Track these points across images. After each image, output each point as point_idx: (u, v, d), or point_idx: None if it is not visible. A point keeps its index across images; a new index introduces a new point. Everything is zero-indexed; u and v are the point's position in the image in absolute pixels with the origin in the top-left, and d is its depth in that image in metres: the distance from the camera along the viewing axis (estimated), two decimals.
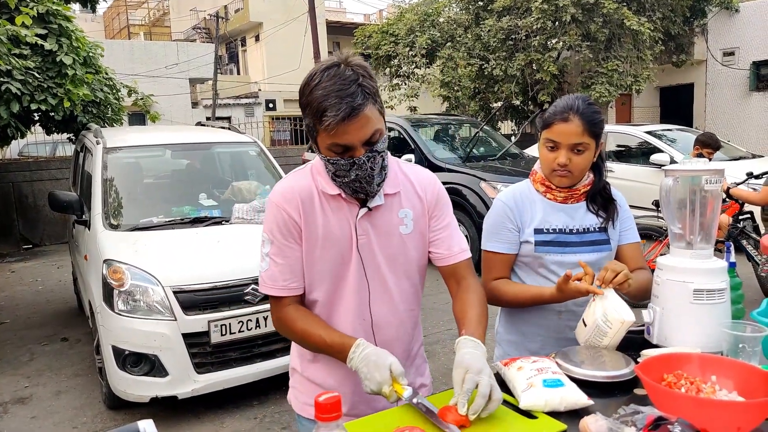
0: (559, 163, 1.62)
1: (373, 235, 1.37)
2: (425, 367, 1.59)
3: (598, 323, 1.46)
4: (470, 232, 6.36)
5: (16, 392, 3.85)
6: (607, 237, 1.70)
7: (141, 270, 3.29)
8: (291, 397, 1.55)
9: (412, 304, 1.47)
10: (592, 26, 11.09)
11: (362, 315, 1.39)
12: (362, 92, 1.20)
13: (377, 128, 1.25)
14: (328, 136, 1.22)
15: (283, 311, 1.38)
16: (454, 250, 1.45)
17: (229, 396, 3.57)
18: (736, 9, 14.34)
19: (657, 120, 15.92)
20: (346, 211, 1.35)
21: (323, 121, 1.19)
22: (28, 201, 9.24)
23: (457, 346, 1.27)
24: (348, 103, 1.18)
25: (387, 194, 1.37)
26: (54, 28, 5.41)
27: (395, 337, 1.44)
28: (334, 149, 1.25)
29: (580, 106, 1.60)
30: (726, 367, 1.22)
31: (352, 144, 1.23)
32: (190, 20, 27.81)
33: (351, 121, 1.19)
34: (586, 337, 1.52)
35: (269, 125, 20.06)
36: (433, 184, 1.46)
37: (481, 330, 1.35)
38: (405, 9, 14.99)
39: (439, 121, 8.43)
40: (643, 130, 8.44)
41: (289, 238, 1.35)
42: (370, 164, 1.26)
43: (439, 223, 1.44)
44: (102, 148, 4.23)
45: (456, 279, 1.46)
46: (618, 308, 1.44)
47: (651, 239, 5.08)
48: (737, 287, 1.73)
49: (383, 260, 1.38)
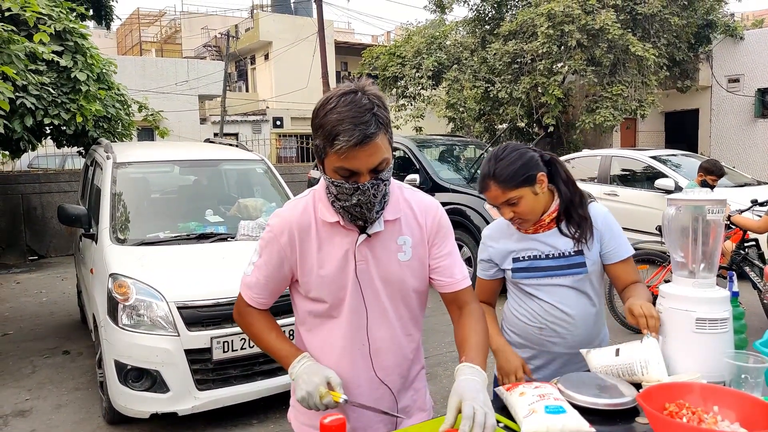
0: (506, 219, 1.74)
1: (372, 262, 1.38)
2: (425, 390, 1.58)
3: (635, 365, 1.46)
4: (473, 252, 6.36)
5: (17, 405, 3.85)
6: (583, 259, 1.75)
7: (146, 285, 3.30)
8: (291, 416, 1.56)
9: (411, 329, 1.47)
10: (597, 51, 11.20)
11: (361, 340, 1.40)
12: (376, 121, 1.23)
13: (385, 157, 1.27)
14: (338, 160, 1.24)
15: (247, 310, 1.50)
16: (457, 277, 1.46)
17: (230, 414, 3.56)
18: (741, 36, 14.47)
19: (662, 145, 15.95)
20: (344, 237, 1.37)
21: (335, 144, 1.22)
22: (36, 213, 9.30)
23: (457, 372, 1.28)
24: (361, 131, 1.20)
25: (387, 221, 1.38)
26: (70, 45, 5.51)
27: (394, 363, 1.44)
28: (341, 172, 1.27)
29: (492, 170, 1.69)
30: (728, 397, 1.22)
31: (359, 170, 1.25)
32: (201, 38, 28.21)
33: (362, 147, 1.22)
34: (607, 364, 1.51)
35: (276, 142, 20.22)
36: (434, 210, 1.46)
37: (482, 356, 1.35)
38: (412, 31, 15.20)
39: (445, 142, 8.47)
40: (647, 154, 8.46)
41: (273, 260, 1.41)
42: (373, 191, 1.28)
43: (440, 250, 1.45)
44: (112, 163, 4.27)
45: (458, 305, 1.47)
46: (660, 365, 1.43)
47: (655, 264, 5.07)
48: (740, 317, 1.74)
49: (381, 286, 1.39)
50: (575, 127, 12.46)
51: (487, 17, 14.05)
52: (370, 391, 1.42)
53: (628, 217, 7.88)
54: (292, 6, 28.18)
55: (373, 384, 1.42)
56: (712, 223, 1.51)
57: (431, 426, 1.26)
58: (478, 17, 14.03)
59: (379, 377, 1.42)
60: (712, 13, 13.69)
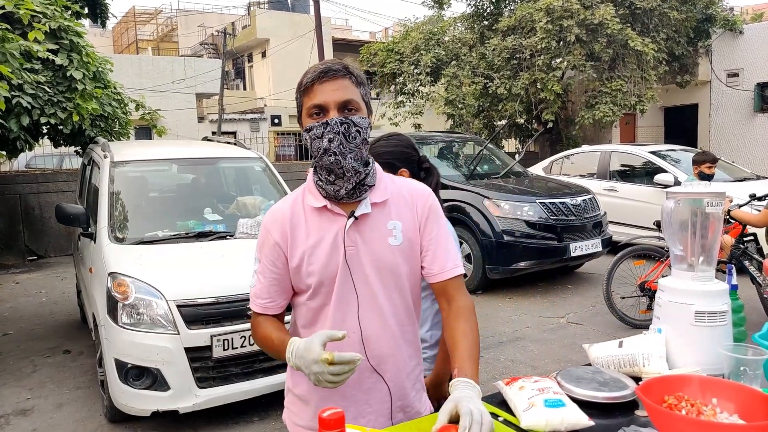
0: None
1: (362, 246, 1.36)
2: (423, 394, 1.54)
3: (637, 357, 1.47)
4: (474, 249, 6.37)
5: (18, 404, 3.85)
6: None
7: (145, 283, 3.30)
8: (285, 417, 1.54)
9: (404, 319, 1.43)
10: (596, 46, 11.19)
11: (352, 328, 1.37)
12: (344, 68, 1.33)
13: (353, 98, 1.33)
14: (308, 98, 1.33)
15: (257, 320, 1.45)
16: (447, 265, 1.41)
17: (231, 411, 3.56)
18: (740, 30, 14.46)
19: (661, 140, 15.96)
20: (333, 223, 1.37)
21: (304, 83, 1.33)
22: (35, 213, 9.30)
23: (451, 388, 1.23)
24: (327, 67, 1.32)
25: (374, 203, 1.38)
26: (65, 43, 5.49)
27: (388, 353, 1.40)
28: (312, 112, 1.32)
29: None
30: (727, 389, 1.22)
31: (326, 103, 1.31)
32: (197, 36, 28.14)
33: (326, 81, 1.31)
34: (609, 355, 1.52)
35: (274, 140, 20.19)
36: (426, 196, 1.44)
37: (474, 366, 1.29)
38: (410, 28, 15.17)
39: (443, 139, 8.47)
40: (647, 149, 8.46)
41: (271, 258, 1.41)
42: (343, 129, 1.30)
43: (430, 234, 1.42)
44: (109, 162, 4.27)
45: (446, 298, 1.42)
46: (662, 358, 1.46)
47: (653, 260, 5.08)
48: (739, 310, 1.74)
49: (372, 271, 1.37)
50: (574, 122, 12.45)
51: (486, 13, 14.03)
52: (361, 379, 1.38)
53: (627, 212, 7.90)
54: (289, 3, 28.14)
55: (364, 372, 1.38)
56: (711, 216, 1.51)
57: (425, 423, 1.25)
58: (476, 13, 14.01)
59: (372, 365, 1.39)
60: (711, 8, 13.67)
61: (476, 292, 6.33)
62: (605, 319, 5.29)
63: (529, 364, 4.37)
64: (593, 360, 1.56)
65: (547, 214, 6.30)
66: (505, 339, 4.96)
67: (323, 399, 1.38)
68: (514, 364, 4.39)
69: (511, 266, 6.23)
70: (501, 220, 6.26)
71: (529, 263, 6.25)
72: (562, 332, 5.10)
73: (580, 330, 5.16)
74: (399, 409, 1.44)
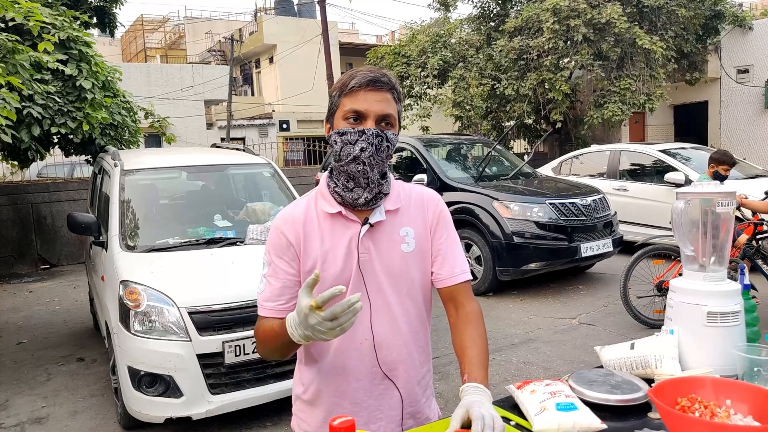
0: None
1: (375, 253, 1.37)
2: (433, 400, 1.54)
3: (649, 358, 1.46)
4: (483, 251, 6.35)
5: (33, 412, 3.89)
6: None
7: (157, 291, 3.33)
8: (294, 425, 1.53)
9: (416, 326, 1.43)
10: (603, 45, 11.14)
11: (364, 334, 1.37)
12: (390, 82, 1.34)
13: (392, 114, 1.34)
14: (349, 102, 1.31)
15: (258, 323, 1.38)
16: (455, 271, 1.42)
17: (243, 417, 3.57)
18: (749, 26, 14.33)
19: (671, 138, 15.85)
20: (347, 229, 1.36)
21: (348, 85, 1.31)
22: (47, 222, 9.39)
23: (462, 393, 1.24)
24: (375, 77, 1.31)
25: (388, 210, 1.38)
26: (74, 53, 5.55)
27: (399, 359, 1.40)
28: (349, 116, 1.31)
29: None
30: (741, 391, 1.21)
31: (367, 112, 1.31)
32: (205, 43, 28.35)
33: (373, 89, 1.31)
34: (621, 357, 1.51)
35: (283, 146, 20.29)
36: (436, 202, 1.46)
37: (483, 371, 1.30)
38: (417, 30, 15.18)
39: (452, 141, 8.46)
40: (657, 148, 8.40)
41: (283, 258, 1.37)
42: (377, 141, 1.30)
43: (439, 241, 1.43)
44: (119, 170, 4.30)
45: (454, 304, 1.42)
46: (675, 360, 1.45)
47: (669, 259, 5.03)
48: (752, 309, 1.72)
49: (385, 278, 1.37)
50: (583, 122, 12.39)
51: (492, 14, 14.02)
52: (372, 385, 1.38)
53: (638, 211, 7.84)
54: (296, 8, 28.30)
55: (375, 378, 1.38)
56: (722, 215, 1.49)
57: (436, 428, 1.25)
58: (482, 14, 14.01)
59: (383, 371, 1.39)
60: (720, 4, 13.55)
61: (487, 294, 6.31)
62: (617, 319, 5.25)
63: (542, 366, 4.34)
64: (605, 363, 1.55)
65: (557, 215, 6.27)
66: (517, 341, 4.93)
67: (333, 404, 1.38)
68: (526, 366, 4.36)
69: (522, 267, 6.20)
70: (511, 222, 6.24)
71: (539, 264, 6.22)
72: (574, 333, 5.07)
73: (592, 331, 5.12)
74: (409, 416, 1.44)
